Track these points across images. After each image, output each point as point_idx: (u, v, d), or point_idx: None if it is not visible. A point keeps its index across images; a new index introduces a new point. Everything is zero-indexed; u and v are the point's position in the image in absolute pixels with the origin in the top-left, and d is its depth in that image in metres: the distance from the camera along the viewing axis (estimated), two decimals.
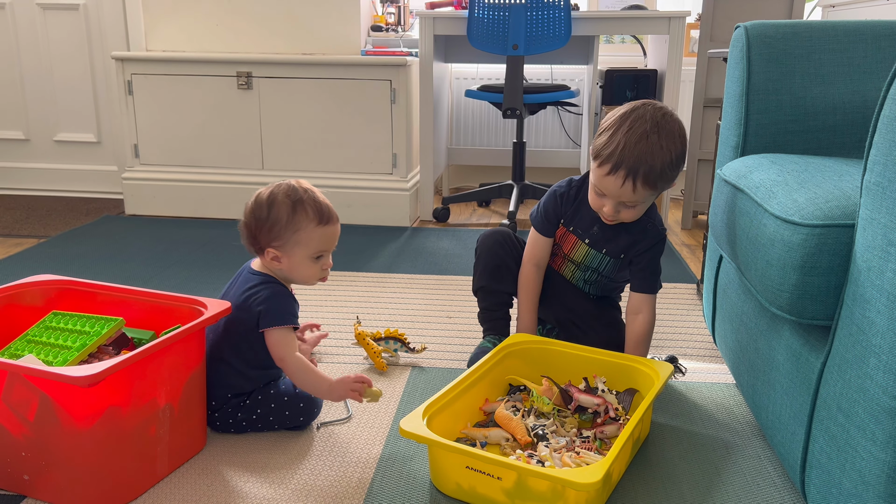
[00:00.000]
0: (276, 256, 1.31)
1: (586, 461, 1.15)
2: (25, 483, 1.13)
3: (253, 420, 1.33)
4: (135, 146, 3.05)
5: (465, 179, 3.77)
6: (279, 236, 1.30)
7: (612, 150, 1.35)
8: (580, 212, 1.53)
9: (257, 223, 1.31)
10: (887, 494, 0.83)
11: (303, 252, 1.32)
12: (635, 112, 1.36)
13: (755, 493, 1.17)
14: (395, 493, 1.17)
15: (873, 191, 0.85)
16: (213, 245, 2.61)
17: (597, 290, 1.62)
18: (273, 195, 1.31)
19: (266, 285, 1.32)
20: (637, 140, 1.33)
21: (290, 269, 1.33)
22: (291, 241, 1.30)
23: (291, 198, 1.31)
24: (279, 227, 1.29)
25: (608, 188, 1.38)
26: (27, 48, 3.32)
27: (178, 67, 2.95)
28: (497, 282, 1.60)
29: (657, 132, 1.34)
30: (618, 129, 1.35)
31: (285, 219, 1.30)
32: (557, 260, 1.61)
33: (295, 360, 1.28)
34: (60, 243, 2.64)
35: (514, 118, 2.88)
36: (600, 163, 1.37)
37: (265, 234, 1.30)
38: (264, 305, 1.28)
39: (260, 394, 1.33)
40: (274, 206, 1.30)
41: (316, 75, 2.89)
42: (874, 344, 0.84)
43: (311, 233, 1.31)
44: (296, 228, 1.30)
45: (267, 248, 1.31)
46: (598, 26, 2.88)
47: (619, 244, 1.51)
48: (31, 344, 1.27)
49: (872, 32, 1.42)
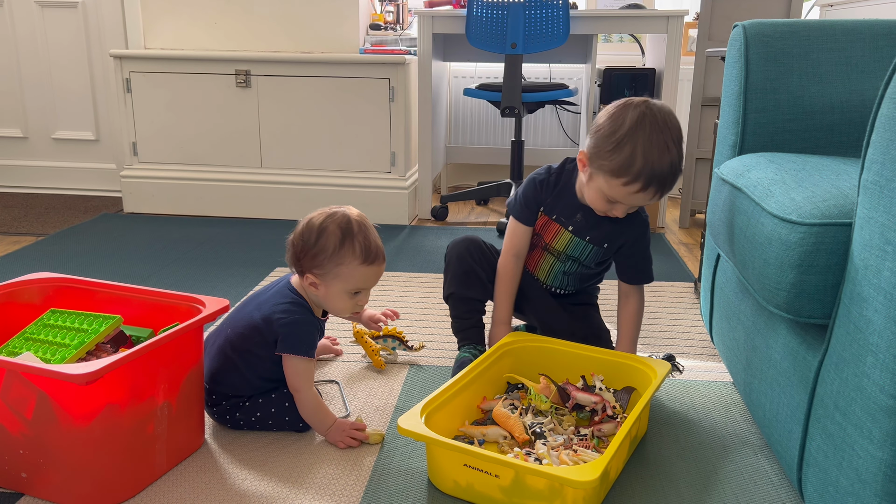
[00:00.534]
0: (315, 283, 1.30)
1: (584, 459, 1.15)
2: (23, 481, 1.13)
3: (251, 421, 1.33)
4: (133, 144, 3.05)
5: (464, 178, 3.77)
6: (321, 265, 1.28)
7: (639, 169, 1.31)
8: (562, 199, 1.52)
9: (303, 246, 1.29)
10: (884, 493, 0.84)
11: (341, 286, 1.30)
12: (643, 121, 1.31)
13: (752, 492, 1.18)
14: (392, 491, 1.17)
15: (871, 189, 0.86)
16: (212, 243, 2.61)
17: (574, 284, 1.60)
18: (325, 223, 1.29)
19: (296, 308, 1.31)
20: (660, 155, 1.31)
21: (325, 298, 1.32)
22: (332, 273, 1.29)
23: (343, 230, 1.28)
24: (323, 257, 1.28)
25: (631, 201, 1.37)
26: (26, 46, 3.31)
27: (176, 65, 2.94)
28: (467, 288, 1.56)
29: (671, 139, 1.32)
30: (631, 141, 1.31)
31: (331, 250, 1.27)
32: (535, 255, 1.58)
33: (308, 395, 1.29)
34: (59, 241, 2.63)
35: (513, 117, 2.88)
36: (627, 181, 1.33)
37: (309, 259, 1.29)
38: (286, 329, 1.28)
39: (261, 398, 1.33)
40: (323, 235, 1.28)
41: (315, 73, 2.89)
42: (871, 342, 0.84)
43: (354, 269, 1.29)
44: (339, 262, 1.28)
45: (307, 272, 1.30)
46: (597, 25, 2.88)
47: (603, 231, 1.50)
48: (29, 342, 1.27)
49: (870, 32, 1.42)
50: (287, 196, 2.98)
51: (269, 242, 2.63)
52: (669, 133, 1.32)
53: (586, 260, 1.54)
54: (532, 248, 1.59)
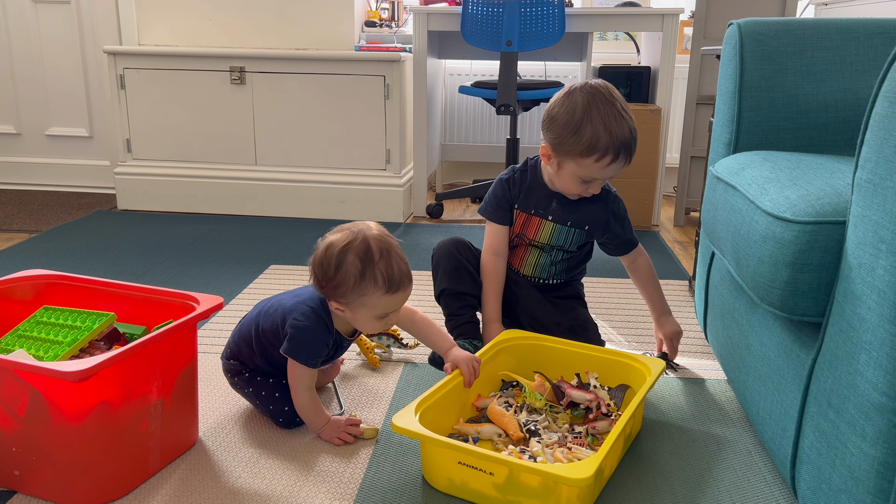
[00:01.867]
0: (339, 308, 1.26)
1: (578, 457, 1.16)
2: (16, 478, 1.13)
3: (245, 392, 1.37)
4: (127, 141, 3.04)
5: (459, 176, 3.77)
6: (344, 295, 1.23)
7: (606, 142, 1.39)
8: (533, 193, 1.57)
9: (324, 276, 1.23)
10: (877, 490, 0.84)
11: (367, 313, 1.25)
12: (593, 99, 1.40)
13: (746, 489, 1.18)
14: (387, 489, 1.17)
15: (865, 188, 0.86)
16: (206, 240, 2.60)
17: (562, 272, 1.63)
18: (343, 254, 1.21)
19: (311, 317, 1.27)
20: (615, 122, 1.40)
21: (353, 321, 1.28)
22: (357, 303, 1.24)
23: (362, 261, 1.21)
24: (345, 289, 1.22)
25: (605, 174, 1.45)
26: (19, 42, 3.30)
27: (170, 62, 2.93)
28: (458, 283, 1.58)
29: (619, 106, 1.42)
30: (591, 120, 1.39)
31: (352, 283, 1.21)
32: (519, 252, 1.62)
33: (302, 396, 1.28)
34: (52, 238, 2.62)
35: (508, 114, 2.88)
36: (599, 156, 1.41)
37: (330, 289, 1.24)
38: (293, 332, 1.26)
39: (259, 377, 1.35)
40: (342, 268, 1.21)
41: (309, 70, 2.88)
42: (865, 340, 0.84)
43: (378, 300, 1.23)
44: (362, 293, 1.22)
45: (331, 300, 1.26)
46: (592, 23, 2.88)
47: (582, 213, 1.55)
48: (22, 339, 1.26)
49: (864, 30, 1.43)
50: (282, 193, 2.97)
51: (263, 240, 2.62)
52: (618, 103, 1.42)
53: (570, 246, 1.58)
54: (516, 247, 1.62)
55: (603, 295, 2.08)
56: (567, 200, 1.55)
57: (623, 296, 2.08)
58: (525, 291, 1.61)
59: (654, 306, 1.63)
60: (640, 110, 2.75)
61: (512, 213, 1.59)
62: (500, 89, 2.81)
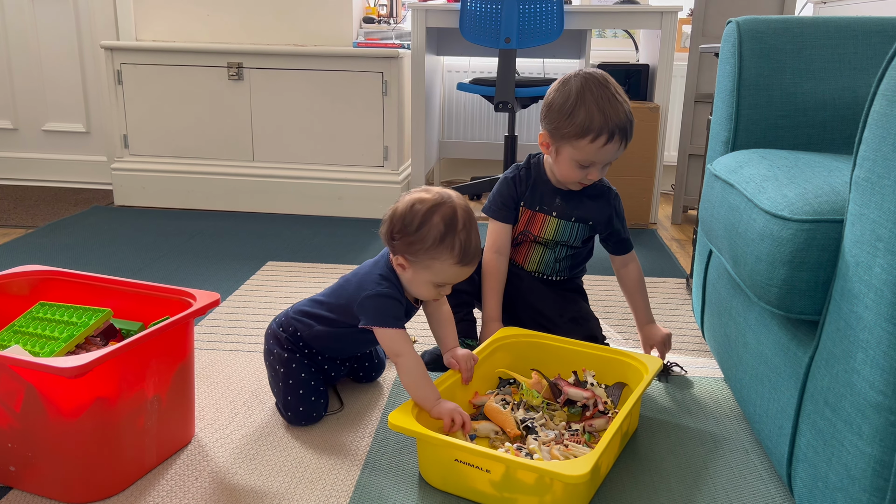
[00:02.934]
0: (403, 265, 1.25)
1: (575, 454, 1.16)
2: (12, 474, 1.13)
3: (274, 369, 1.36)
4: (124, 136, 3.03)
5: (457, 173, 3.77)
6: (415, 254, 1.23)
7: (600, 123, 1.41)
8: (538, 189, 1.58)
9: (402, 229, 1.22)
10: (873, 488, 0.84)
11: (429, 277, 1.25)
12: (586, 84, 1.44)
13: (742, 487, 1.18)
14: (383, 486, 1.17)
15: (862, 186, 0.86)
16: (203, 236, 2.60)
17: (566, 269, 1.63)
18: (430, 213, 1.21)
19: (384, 283, 1.26)
20: (609, 104, 1.42)
21: (409, 281, 1.27)
22: (423, 264, 1.23)
23: (446, 226, 1.21)
24: (420, 247, 1.22)
25: (602, 156, 1.45)
26: (16, 36, 3.28)
27: (168, 57, 2.92)
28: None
29: (612, 90, 1.44)
30: (585, 103, 1.42)
31: (429, 244, 1.21)
32: (522, 249, 1.62)
33: (411, 359, 1.23)
34: (48, 234, 2.62)
35: (506, 112, 2.88)
36: (593, 137, 1.42)
37: (404, 244, 1.23)
38: (369, 303, 1.25)
39: (296, 363, 1.34)
40: (424, 227, 1.21)
41: (308, 67, 2.87)
42: (861, 339, 0.84)
43: (447, 267, 1.23)
44: (434, 256, 1.22)
45: (399, 254, 1.25)
46: (591, 20, 2.88)
47: (584, 208, 1.57)
48: (18, 335, 1.26)
49: (863, 29, 1.43)
50: (279, 190, 2.97)
51: (260, 236, 2.62)
52: (612, 87, 1.44)
53: (574, 241, 1.59)
54: (520, 244, 1.62)
55: (601, 293, 2.08)
56: (571, 196, 1.56)
57: (621, 295, 2.08)
58: (528, 284, 1.61)
59: (639, 315, 1.61)
60: (639, 108, 2.74)
61: (517, 211, 1.60)
62: (499, 86, 2.81)
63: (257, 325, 1.80)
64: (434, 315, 1.39)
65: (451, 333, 1.38)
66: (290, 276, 2.18)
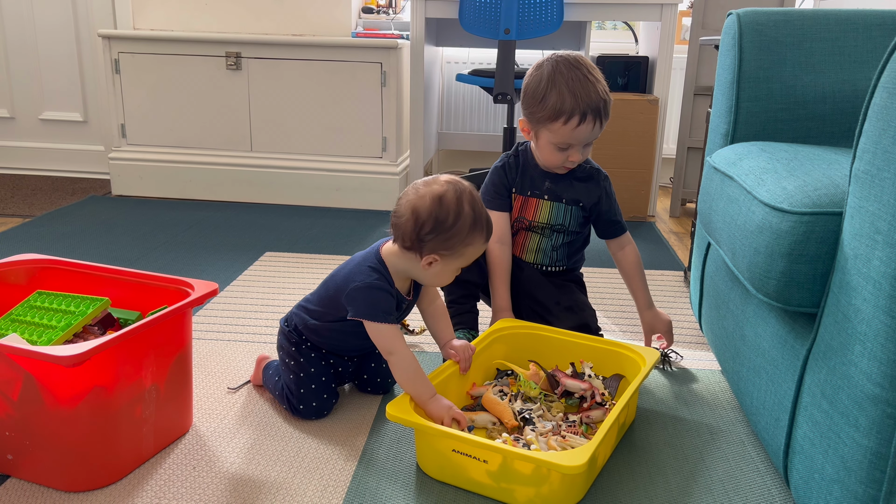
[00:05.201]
0: (434, 260, 1.23)
1: (572, 445, 1.16)
2: (9, 463, 1.13)
3: (285, 362, 1.35)
4: (122, 126, 3.02)
5: (455, 164, 3.76)
6: (452, 247, 1.21)
7: (572, 104, 1.42)
8: (527, 175, 1.60)
9: (436, 228, 1.20)
10: (869, 480, 0.84)
11: (459, 263, 1.25)
12: (557, 66, 1.45)
13: (739, 479, 1.18)
14: (381, 476, 1.17)
15: (862, 179, 0.86)
16: (201, 226, 2.59)
17: (563, 258, 1.63)
18: (460, 204, 1.21)
19: (372, 275, 1.24)
20: (580, 85, 1.43)
21: (438, 273, 1.25)
22: (457, 253, 1.22)
23: (474, 210, 1.22)
24: (456, 240, 1.21)
25: (577, 137, 1.46)
26: (12, 25, 3.26)
27: (166, 47, 2.91)
28: (465, 271, 1.56)
29: (584, 71, 1.45)
30: (556, 86, 1.44)
31: (465, 232, 1.21)
32: (519, 239, 1.62)
33: (404, 356, 1.22)
34: (46, 223, 2.61)
35: (505, 103, 2.87)
36: (566, 119, 1.44)
37: (439, 241, 1.20)
38: (357, 294, 1.24)
39: (302, 356, 1.33)
40: (460, 218, 1.20)
41: (306, 57, 2.86)
42: (859, 331, 0.84)
43: (479, 248, 1.24)
44: (469, 243, 1.22)
45: (430, 253, 1.22)
46: (591, 12, 2.87)
47: (574, 190, 1.58)
48: (16, 323, 1.26)
49: (864, 22, 1.42)
50: (277, 180, 2.96)
51: (258, 226, 2.62)
52: (584, 68, 1.46)
53: (570, 225, 1.59)
54: (516, 233, 1.62)
55: (598, 285, 2.08)
56: (560, 179, 1.57)
57: (618, 286, 2.08)
58: (527, 274, 1.62)
59: (639, 299, 1.62)
60: (638, 100, 2.74)
61: (510, 199, 1.61)
62: (498, 78, 2.80)
63: (255, 316, 1.80)
64: (428, 310, 1.39)
65: (447, 326, 1.38)
66: (287, 267, 2.18)
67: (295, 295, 1.92)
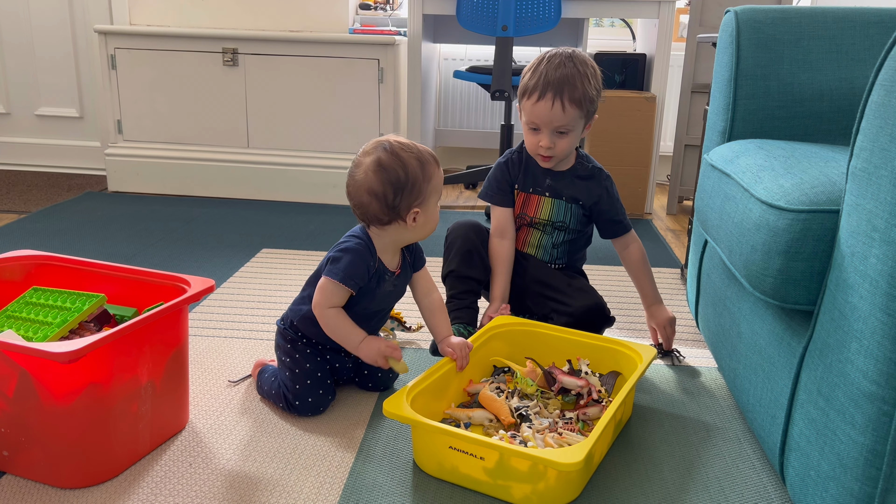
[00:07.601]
0: (416, 214, 1.28)
1: (569, 442, 1.16)
2: (4, 459, 1.12)
3: (282, 360, 1.36)
4: (118, 122, 3.01)
5: (453, 161, 3.76)
6: (420, 192, 1.26)
7: (536, 81, 1.48)
8: (529, 172, 1.62)
9: (396, 188, 1.24)
10: (865, 477, 0.84)
11: (435, 198, 1.30)
12: (549, 53, 1.52)
13: (735, 476, 1.19)
14: (378, 473, 1.17)
15: (859, 177, 0.86)
16: (197, 223, 2.59)
17: (564, 255, 1.64)
18: (396, 156, 1.25)
19: (353, 241, 1.30)
20: (556, 67, 1.48)
21: (426, 221, 1.30)
22: (427, 193, 1.28)
23: (414, 154, 1.26)
24: (420, 184, 1.26)
25: (540, 115, 1.49)
26: (8, 19, 3.25)
27: (162, 42, 2.90)
28: (468, 267, 1.61)
29: (571, 60, 1.49)
30: (537, 67, 1.50)
31: (420, 175, 1.26)
32: (521, 235, 1.64)
33: (329, 312, 1.27)
34: (41, 219, 2.60)
35: (503, 100, 2.87)
36: (528, 95, 1.49)
37: (407, 196, 1.25)
38: (335, 255, 1.29)
39: (298, 352, 1.34)
40: (408, 167, 1.25)
41: (303, 53, 2.85)
42: (856, 329, 0.84)
43: (440, 175, 1.30)
44: (429, 178, 1.27)
45: (409, 210, 1.27)
46: (588, 9, 2.86)
47: (574, 188, 1.59)
48: (11, 319, 1.25)
49: (861, 19, 1.42)
50: (274, 177, 2.96)
51: (255, 223, 2.61)
52: (570, 56, 1.50)
53: (571, 223, 1.60)
54: (518, 228, 1.64)
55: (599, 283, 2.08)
56: (561, 177, 1.59)
57: (618, 284, 2.08)
58: (533, 264, 1.63)
59: (645, 295, 1.63)
60: (635, 98, 2.74)
61: (513, 195, 1.62)
62: (495, 74, 2.80)
63: (251, 312, 1.80)
64: (423, 302, 1.39)
65: (444, 322, 1.38)
66: (284, 263, 2.17)
67: (291, 291, 1.91)
